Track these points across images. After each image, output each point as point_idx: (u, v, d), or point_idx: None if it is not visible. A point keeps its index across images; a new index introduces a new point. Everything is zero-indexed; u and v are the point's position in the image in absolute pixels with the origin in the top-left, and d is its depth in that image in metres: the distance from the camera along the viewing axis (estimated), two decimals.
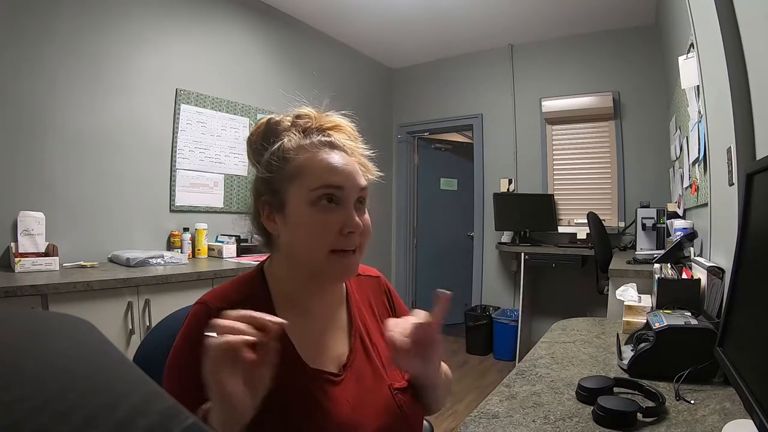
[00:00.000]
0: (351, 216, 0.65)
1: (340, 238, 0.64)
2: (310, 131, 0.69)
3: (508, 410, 0.79)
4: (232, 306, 0.61)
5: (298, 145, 0.67)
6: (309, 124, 0.70)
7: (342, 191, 0.65)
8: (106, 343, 0.25)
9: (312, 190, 0.64)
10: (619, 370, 0.98)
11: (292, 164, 0.66)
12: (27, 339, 0.24)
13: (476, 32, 3.71)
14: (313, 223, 0.64)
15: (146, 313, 1.86)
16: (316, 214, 0.64)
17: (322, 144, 0.67)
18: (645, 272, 1.86)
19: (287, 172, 0.66)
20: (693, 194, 1.99)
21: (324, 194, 0.64)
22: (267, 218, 0.68)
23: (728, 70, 1.16)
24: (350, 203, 0.66)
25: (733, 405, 0.78)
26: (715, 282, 1.16)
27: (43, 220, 1.97)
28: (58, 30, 2.12)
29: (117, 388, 0.20)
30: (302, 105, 0.72)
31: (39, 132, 2.08)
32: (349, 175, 0.66)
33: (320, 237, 0.64)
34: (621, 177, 3.50)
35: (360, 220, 0.65)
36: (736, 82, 1.14)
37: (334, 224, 0.64)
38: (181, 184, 2.67)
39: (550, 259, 3.38)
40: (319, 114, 0.71)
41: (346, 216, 0.64)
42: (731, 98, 1.14)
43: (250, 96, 3.04)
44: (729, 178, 1.22)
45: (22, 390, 0.18)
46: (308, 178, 0.65)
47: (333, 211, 0.64)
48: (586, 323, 1.42)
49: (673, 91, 2.66)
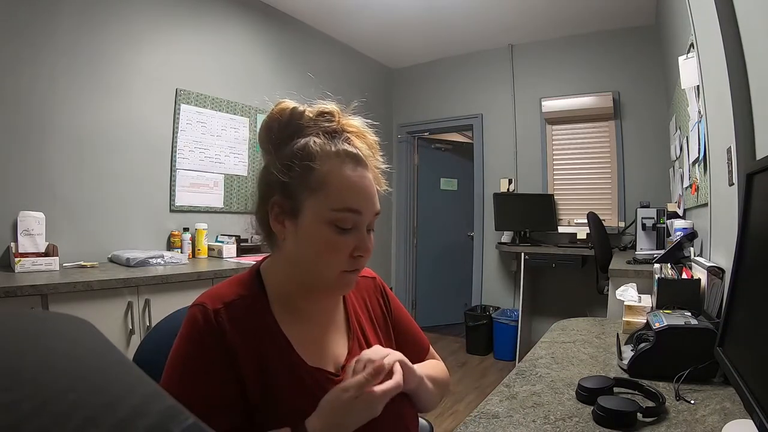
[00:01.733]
0: (363, 241, 0.65)
1: (350, 260, 0.65)
2: (334, 135, 0.67)
3: (508, 410, 0.79)
4: (229, 307, 0.63)
5: (324, 153, 0.64)
6: (333, 126, 0.67)
7: (360, 216, 0.64)
8: (106, 343, 0.25)
9: (333, 210, 0.63)
10: (619, 370, 0.98)
11: (315, 174, 0.63)
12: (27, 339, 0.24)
13: (476, 32, 3.71)
14: (327, 243, 0.63)
15: (146, 313, 1.86)
16: (332, 235, 0.63)
17: (348, 156, 0.65)
18: (645, 272, 1.86)
19: (309, 182, 0.63)
20: (693, 194, 1.99)
21: (344, 217, 0.63)
22: (275, 219, 0.66)
23: (728, 70, 1.16)
24: (364, 227, 0.65)
25: (733, 405, 0.78)
26: (715, 282, 1.16)
27: (43, 220, 1.97)
28: (57, 29, 2.12)
29: (117, 389, 0.20)
30: (326, 101, 0.69)
31: (38, 132, 2.08)
32: (369, 200, 0.66)
33: (331, 257, 0.64)
34: (621, 177, 3.50)
35: (369, 244, 0.67)
36: (736, 82, 1.14)
37: (347, 247, 0.64)
38: (181, 184, 2.67)
39: (550, 259, 3.38)
40: (342, 114, 0.69)
41: (359, 240, 0.65)
42: (731, 98, 1.14)
43: (251, 96, 3.04)
44: (729, 178, 1.22)
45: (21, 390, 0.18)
46: (331, 196, 0.63)
47: (348, 234, 0.64)
48: (586, 323, 1.42)
49: (673, 91, 2.66)
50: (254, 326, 0.64)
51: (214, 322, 0.61)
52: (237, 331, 0.62)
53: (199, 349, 0.60)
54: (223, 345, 0.61)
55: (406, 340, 0.82)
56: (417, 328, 0.87)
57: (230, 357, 0.61)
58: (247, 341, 0.62)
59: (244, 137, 3.02)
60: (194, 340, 0.61)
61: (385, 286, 0.86)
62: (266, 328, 0.65)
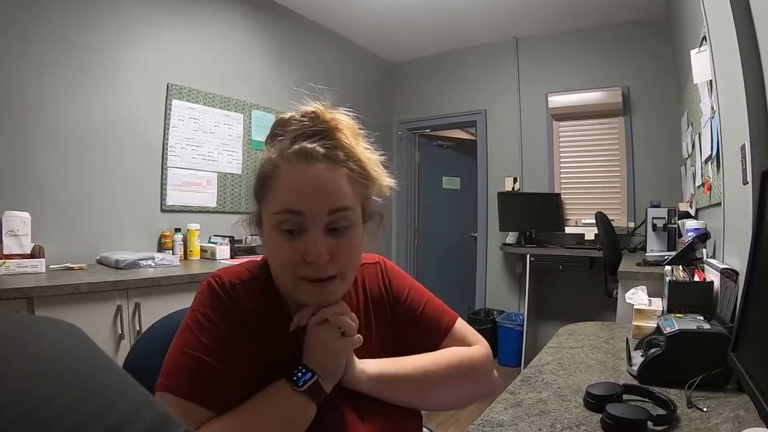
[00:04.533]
0: (312, 245, 0.62)
1: (306, 267, 0.63)
2: (300, 137, 0.66)
3: (513, 418, 0.79)
4: (244, 283, 0.68)
5: (272, 158, 0.65)
6: (314, 126, 0.67)
7: (303, 218, 0.62)
8: (94, 348, 0.25)
9: (274, 213, 0.63)
10: (629, 377, 0.98)
11: (263, 179, 0.66)
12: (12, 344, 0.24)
13: (480, 24, 3.71)
14: (277, 249, 0.65)
15: (136, 317, 1.86)
16: (280, 241, 0.63)
17: (298, 156, 0.63)
18: (655, 274, 1.86)
19: (262, 189, 0.67)
20: (705, 193, 1.99)
21: (284, 219, 0.62)
22: (253, 228, 0.71)
23: (742, 64, 1.16)
24: (315, 230, 0.62)
25: (748, 413, 0.78)
26: (728, 285, 1.16)
27: (29, 221, 1.97)
28: (44, 21, 2.12)
29: (106, 395, 0.20)
30: (309, 102, 0.68)
31: (25, 128, 2.07)
32: (315, 197, 0.62)
33: (283, 264, 0.65)
34: (631, 175, 3.50)
35: (328, 249, 0.62)
36: (751, 77, 1.14)
37: (296, 252, 0.62)
38: (173, 182, 2.67)
39: (557, 260, 3.37)
40: (327, 110, 0.68)
41: (307, 245, 0.62)
42: (745, 93, 1.14)
43: (245, 91, 3.04)
44: (743, 177, 1.22)
45: (7, 397, 0.18)
46: (273, 200, 0.64)
47: (294, 239, 0.62)
48: (594, 328, 1.42)
49: (684, 86, 2.66)
50: (265, 304, 0.68)
51: (230, 291, 0.66)
52: (249, 304, 0.66)
53: (213, 311, 0.64)
54: (238, 311, 0.65)
55: (412, 323, 0.78)
56: (431, 307, 0.80)
57: (243, 325, 0.65)
58: (257, 315, 0.67)
59: (238, 134, 3.02)
60: (210, 305, 0.65)
61: (388, 269, 0.83)
62: (275, 308, 0.69)
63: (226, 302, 0.65)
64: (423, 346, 0.76)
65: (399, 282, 0.81)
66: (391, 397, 0.70)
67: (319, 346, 0.64)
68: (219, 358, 0.61)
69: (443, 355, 0.75)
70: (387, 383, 0.70)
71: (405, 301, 0.79)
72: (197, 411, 0.58)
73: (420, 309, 0.79)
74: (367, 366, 0.69)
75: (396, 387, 0.70)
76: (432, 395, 0.73)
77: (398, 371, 0.71)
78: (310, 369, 0.63)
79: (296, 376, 0.62)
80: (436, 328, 0.78)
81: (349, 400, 0.68)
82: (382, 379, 0.69)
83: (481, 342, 0.79)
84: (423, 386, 0.72)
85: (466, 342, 0.78)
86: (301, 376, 0.62)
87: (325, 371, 0.63)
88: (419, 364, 0.73)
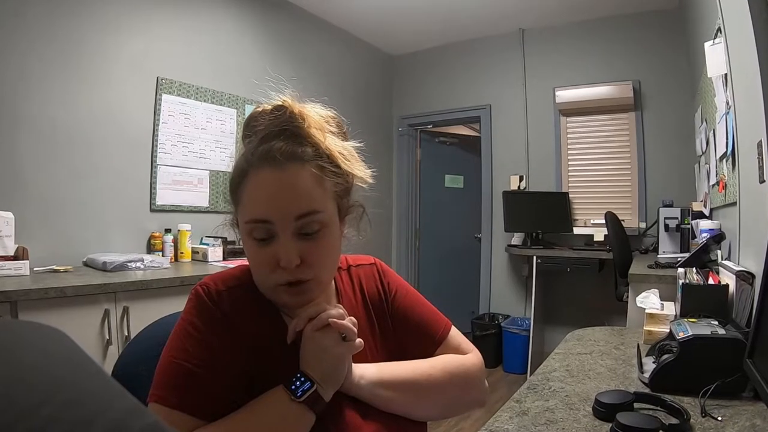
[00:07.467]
0: (282, 251, 0.64)
1: (281, 272, 0.65)
2: (267, 137, 0.66)
3: (518, 428, 0.79)
4: (231, 290, 0.69)
5: (240, 165, 0.67)
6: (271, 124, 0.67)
7: (271, 225, 0.64)
8: (81, 354, 0.25)
9: (245, 222, 0.66)
10: (640, 384, 0.98)
11: (234, 186, 0.68)
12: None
13: (484, 16, 3.71)
14: (252, 256, 0.67)
15: (125, 321, 1.86)
16: (254, 248, 0.66)
17: (264, 160, 0.64)
18: (668, 277, 1.86)
19: (232, 195, 0.69)
20: (720, 192, 1.99)
21: (254, 228, 0.65)
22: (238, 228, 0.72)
23: (758, 57, 1.16)
24: (285, 235, 0.64)
25: (765, 422, 0.78)
26: (744, 288, 1.16)
27: (12, 221, 1.97)
28: (28, 12, 2.12)
29: (94, 403, 0.20)
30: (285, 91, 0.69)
31: (8, 124, 2.07)
32: (279, 204, 0.64)
33: (258, 270, 0.68)
34: (642, 173, 3.50)
35: (300, 253, 0.64)
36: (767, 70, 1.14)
37: (269, 258, 0.65)
38: (163, 181, 2.67)
39: (565, 262, 3.38)
40: (292, 104, 0.68)
41: (278, 251, 0.64)
42: (762, 87, 1.14)
43: (238, 85, 3.04)
44: (759, 175, 1.22)
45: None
46: (242, 209, 0.67)
47: (266, 246, 0.65)
48: (604, 333, 1.42)
49: (698, 79, 2.66)
50: (254, 310, 0.69)
51: (216, 299, 0.67)
52: (237, 311, 0.68)
53: (200, 319, 0.66)
54: (225, 319, 0.66)
55: (407, 329, 0.79)
56: (426, 313, 0.81)
57: (232, 332, 0.66)
58: (246, 322, 0.68)
59: (231, 130, 3.02)
60: (197, 314, 0.67)
61: (385, 271, 0.84)
62: (264, 313, 0.70)
63: (213, 310, 0.66)
64: (417, 352, 0.77)
65: (395, 285, 0.82)
66: (388, 405, 0.70)
67: (318, 352, 0.64)
68: (207, 367, 0.62)
69: (440, 361, 0.76)
70: (386, 389, 0.70)
71: (401, 306, 0.80)
72: (187, 421, 0.59)
73: (415, 315, 0.80)
74: (366, 370, 0.69)
75: (395, 393, 0.71)
76: (428, 402, 0.74)
77: (398, 376, 0.71)
78: (310, 378, 0.62)
79: (294, 385, 0.62)
80: (431, 335, 0.80)
81: (351, 402, 0.68)
82: (382, 385, 0.70)
83: (474, 350, 0.82)
84: (421, 393, 0.73)
85: (461, 350, 0.80)
86: (299, 385, 0.62)
87: (325, 379, 0.63)
88: (418, 369, 0.74)
